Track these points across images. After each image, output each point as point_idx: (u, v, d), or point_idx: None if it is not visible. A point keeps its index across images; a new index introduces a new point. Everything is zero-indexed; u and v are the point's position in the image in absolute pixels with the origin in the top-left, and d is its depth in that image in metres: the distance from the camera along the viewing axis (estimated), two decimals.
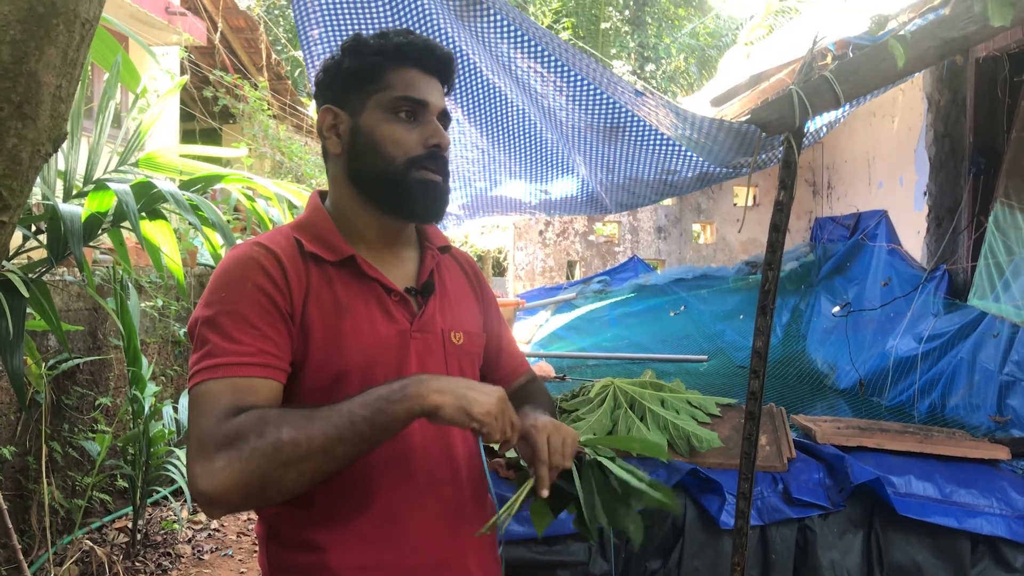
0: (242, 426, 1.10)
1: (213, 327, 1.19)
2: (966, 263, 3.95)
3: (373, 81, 1.32)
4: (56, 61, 1.20)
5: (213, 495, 1.08)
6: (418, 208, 1.34)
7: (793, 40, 4.57)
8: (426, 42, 1.34)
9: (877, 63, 1.70)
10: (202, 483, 1.08)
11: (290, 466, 1.09)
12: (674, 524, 2.16)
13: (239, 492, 1.09)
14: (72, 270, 4.27)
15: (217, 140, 10.11)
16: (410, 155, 1.31)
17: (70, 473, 4.16)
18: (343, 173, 1.36)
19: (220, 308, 1.21)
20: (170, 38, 7.00)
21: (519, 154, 3.01)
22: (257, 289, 1.22)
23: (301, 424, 1.11)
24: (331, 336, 1.26)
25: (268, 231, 1.38)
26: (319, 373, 1.26)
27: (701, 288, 5.53)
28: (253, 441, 1.09)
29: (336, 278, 1.30)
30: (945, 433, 2.47)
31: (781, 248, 1.75)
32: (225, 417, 1.12)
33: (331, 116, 1.35)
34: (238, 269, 1.24)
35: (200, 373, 1.17)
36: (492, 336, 1.56)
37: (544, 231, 6.35)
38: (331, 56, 1.37)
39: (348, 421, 1.11)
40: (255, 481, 1.08)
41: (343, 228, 1.36)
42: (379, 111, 1.32)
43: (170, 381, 5.21)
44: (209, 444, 1.10)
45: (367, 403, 1.12)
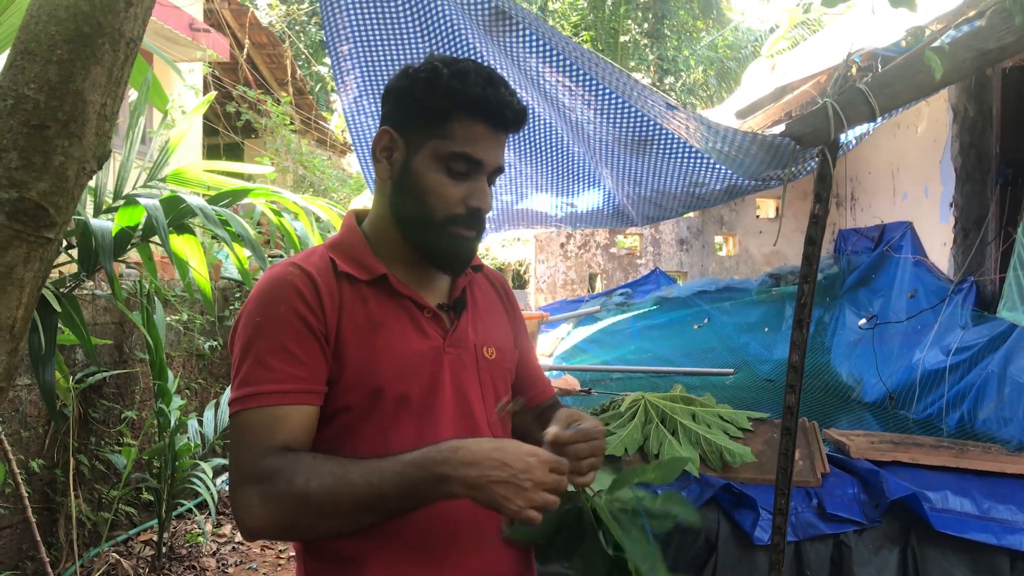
0: (275, 468, 1.15)
1: (247, 352, 1.23)
2: (994, 275, 3.91)
3: (437, 124, 1.28)
4: (101, 80, 1.21)
5: (250, 526, 1.15)
6: (445, 262, 1.35)
7: (817, 52, 4.56)
8: (502, 99, 1.28)
9: (912, 75, 1.69)
10: (241, 513, 1.16)
11: (319, 518, 1.14)
12: (707, 540, 2.14)
13: (272, 529, 1.16)
14: (100, 284, 4.31)
15: (240, 154, 10.20)
16: (450, 212, 1.29)
17: (97, 486, 4.19)
18: (386, 199, 1.36)
19: (254, 332, 1.24)
20: (194, 54, 7.08)
21: (546, 167, 3.02)
22: (291, 311, 1.23)
23: (331, 482, 1.13)
24: (365, 353, 1.27)
25: (304, 250, 1.39)
26: (355, 390, 1.26)
27: (724, 300, 5.51)
28: (284, 487, 1.13)
29: (370, 296, 1.31)
30: (981, 448, 2.43)
31: (816, 261, 1.74)
32: (262, 453, 1.17)
33: (388, 139, 1.33)
34: (273, 292, 1.26)
35: (236, 402, 1.21)
36: (521, 355, 1.55)
37: (566, 244, 6.35)
38: (403, 75, 1.33)
39: (376, 498, 1.13)
40: (285, 523, 1.15)
41: (378, 247, 1.36)
42: (433, 158, 1.29)
43: (195, 394, 5.24)
44: (246, 478, 1.16)
45: (398, 485, 1.12)
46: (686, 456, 2.09)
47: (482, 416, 1.36)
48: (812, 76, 3.91)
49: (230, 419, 1.22)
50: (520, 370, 1.54)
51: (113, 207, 3.07)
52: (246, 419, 1.20)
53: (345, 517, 1.14)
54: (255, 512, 1.14)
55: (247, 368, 1.22)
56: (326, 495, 1.12)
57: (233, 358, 1.26)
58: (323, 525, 1.15)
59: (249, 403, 1.20)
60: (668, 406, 2.33)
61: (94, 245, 2.73)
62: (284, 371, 1.21)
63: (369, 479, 1.13)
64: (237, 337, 1.27)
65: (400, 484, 1.12)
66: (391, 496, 1.12)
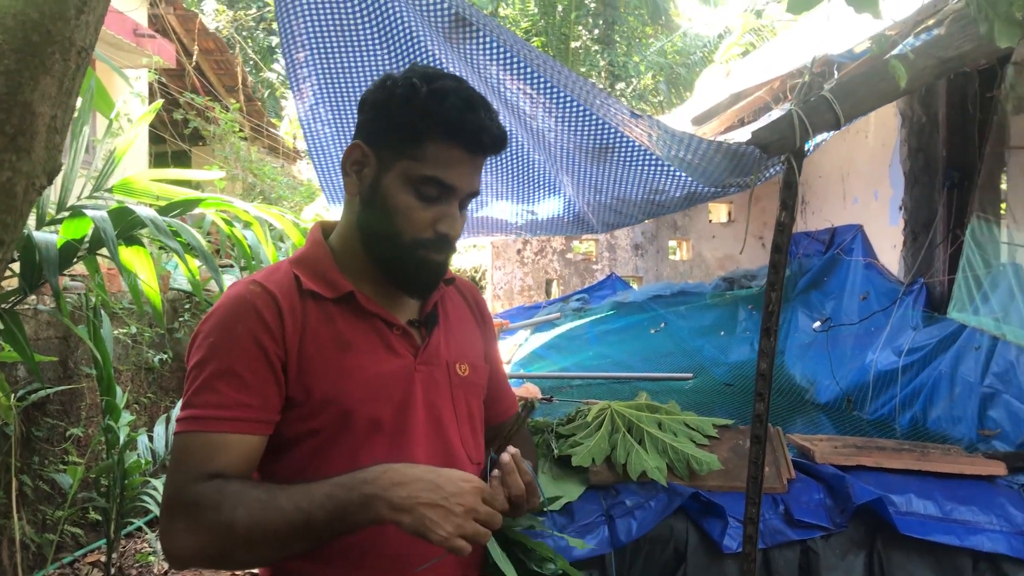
0: (202, 497, 1.11)
1: (198, 373, 1.18)
2: (943, 276, 3.99)
3: (411, 144, 1.23)
4: (51, 91, 1.15)
5: (174, 554, 1.12)
6: (411, 285, 1.31)
7: (770, 59, 4.62)
8: (480, 123, 1.23)
9: (876, 83, 1.70)
10: (164, 540, 1.13)
11: (245, 548, 1.10)
12: (676, 549, 2.13)
13: (196, 559, 1.12)
14: (43, 298, 4.17)
15: (187, 162, 9.99)
16: (417, 236, 1.25)
17: (41, 507, 4.04)
18: (353, 214, 1.31)
19: (208, 353, 1.19)
20: (139, 61, 6.91)
21: (506, 175, 3.00)
22: (248, 335, 1.19)
23: (257, 511, 1.09)
24: (332, 375, 1.22)
25: (268, 266, 1.35)
26: (322, 413, 1.22)
27: (679, 305, 5.54)
28: (210, 516, 1.10)
29: (336, 315, 1.26)
30: (941, 449, 2.47)
31: (783, 268, 1.74)
32: (193, 479, 1.13)
33: (359, 153, 1.28)
34: (231, 312, 1.21)
35: (180, 423, 1.17)
36: (491, 371, 1.52)
37: (522, 250, 6.34)
38: (381, 87, 1.28)
39: (305, 521, 1.09)
40: (211, 553, 1.11)
41: (345, 263, 1.31)
42: (403, 180, 1.24)
43: (144, 409, 5.10)
44: (174, 504, 1.13)
45: (326, 507, 1.09)
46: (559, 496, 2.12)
47: (455, 435, 1.32)
48: (765, 83, 3.95)
49: (173, 439, 1.20)
50: (490, 386, 1.51)
51: (57, 219, 2.97)
52: (184, 442, 1.16)
53: (273, 545, 1.10)
54: (181, 542, 1.11)
55: (194, 389, 1.17)
56: (253, 523, 1.08)
57: (186, 376, 1.22)
58: (251, 554, 1.12)
59: (190, 426, 1.16)
60: (634, 415, 2.31)
61: (38, 259, 2.64)
62: (231, 397, 1.16)
63: (298, 503, 1.09)
64: (191, 355, 1.22)
65: (327, 506, 1.08)
66: (319, 519, 1.08)
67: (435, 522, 1.06)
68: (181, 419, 1.17)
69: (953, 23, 1.71)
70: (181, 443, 1.16)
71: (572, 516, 2.12)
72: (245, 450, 1.17)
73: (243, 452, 1.16)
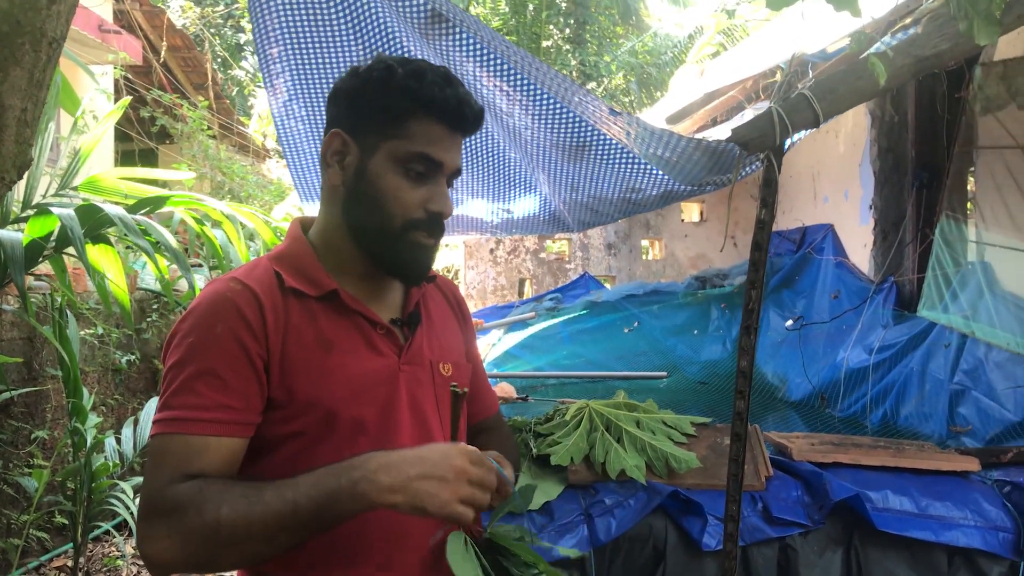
0: (183, 498, 1.07)
1: (176, 374, 1.14)
2: (912, 275, 4.04)
3: (393, 125, 1.22)
4: (21, 83, 1.11)
5: (155, 561, 1.07)
6: (406, 271, 1.29)
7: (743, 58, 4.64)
8: (461, 99, 1.23)
9: (854, 81, 1.71)
10: (145, 547, 1.08)
11: (230, 547, 1.06)
12: (655, 548, 2.12)
13: (180, 563, 1.07)
14: (7, 298, 4.08)
15: (154, 160, 9.85)
16: (409, 217, 1.23)
17: (5, 511, 3.96)
18: (338, 207, 1.28)
19: (187, 353, 1.14)
20: (105, 57, 6.79)
21: (482, 173, 2.98)
22: (229, 334, 1.15)
23: (242, 506, 1.06)
24: (315, 375, 1.19)
25: (247, 263, 1.30)
26: (306, 414, 1.19)
27: (652, 304, 5.56)
28: (192, 517, 1.05)
29: (320, 313, 1.23)
30: (916, 446, 2.49)
31: (763, 266, 1.74)
32: (171, 481, 1.09)
33: (339, 142, 1.25)
34: (211, 311, 1.17)
35: (157, 424, 1.13)
36: (472, 369, 1.50)
37: (495, 249, 6.32)
38: (353, 75, 1.26)
39: (292, 511, 1.06)
40: (194, 557, 1.07)
41: (327, 259, 1.28)
42: (391, 161, 1.22)
43: (111, 411, 5.01)
44: (153, 509, 1.08)
45: (314, 496, 1.06)
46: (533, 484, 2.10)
47: (439, 437, 1.30)
48: (738, 82, 3.98)
49: (149, 441, 1.15)
50: (471, 385, 1.48)
51: (22, 217, 2.91)
52: (163, 444, 1.12)
53: (260, 541, 1.06)
54: (162, 546, 1.06)
55: (173, 390, 1.13)
56: (239, 519, 1.05)
57: (163, 377, 1.17)
58: (236, 554, 1.08)
59: (169, 427, 1.11)
60: (612, 413, 2.31)
61: (2, 258, 2.58)
62: (212, 398, 1.12)
63: (284, 495, 1.06)
64: (168, 355, 1.17)
65: (315, 496, 1.06)
66: (307, 509, 1.05)
67: (430, 493, 1.06)
68: (158, 420, 1.13)
69: (930, 22, 1.72)
70: (159, 445, 1.12)
71: (551, 515, 2.11)
72: (226, 453, 1.13)
73: (224, 455, 1.13)
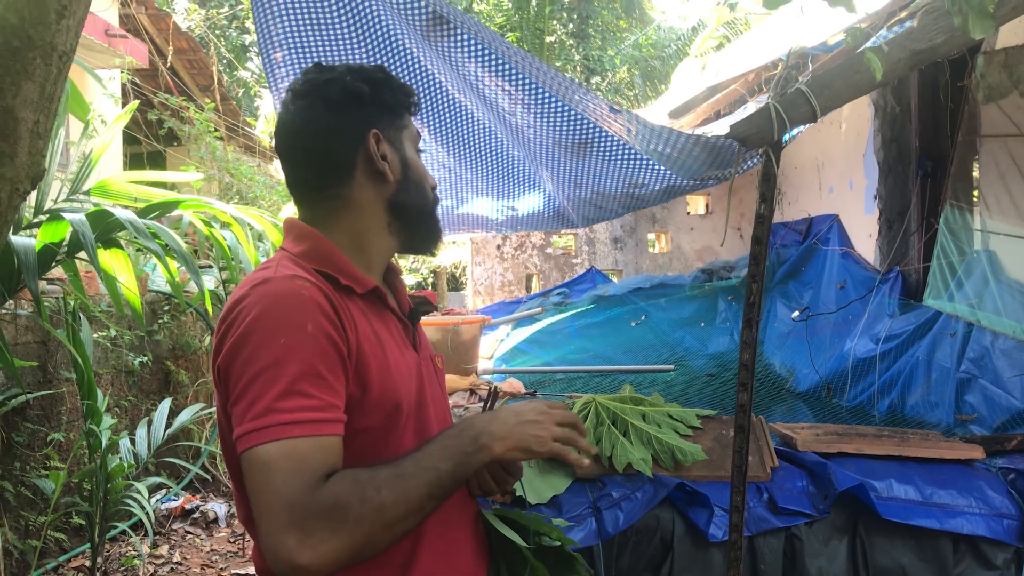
0: (341, 493, 1.06)
1: (274, 375, 1.09)
2: (918, 264, 4.05)
3: (402, 117, 1.36)
4: (34, 96, 1.15)
5: (316, 567, 1.03)
6: (436, 244, 1.43)
7: (745, 52, 4.65)
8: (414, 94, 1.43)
9: (851, 75, 1.73)
10: (303, 557, 1.02)
11: (391, 528, 1.09)
12: (663, 539, 2.15)
13: (345, 560, 1.05)
14: (21, 302, 4.12)
15: (163, 163, 9.90)
16: (434, 194, 1.41)
17: (23, 513, 4.01)
18: (382, 201, 1.31)
19: (282, 354, 1.10)
20: (112, 61, 6.84)
21: (486, 172, 3.00)
22: (320, 331, 1.13)
23: (396, 485, 1.10)
24: (382, 369, 1.21)
25: (271, 261, 1.26)
26: (379, 408, 1.21)
27: (659, 297, 5.58)
28: (357, 508, 1.06)
29: (367, 310, 1.27)
30: (920, 435, 2.51)
31: (764, 260, 1.76)
32: (318, 482, 1.06)
33: (376, 142, 1.30)
34: (295, 309, 1.14)
35: (270, 430, 1.07)
36: None
37: (502, 245, 6.34)
38: (354, 80, 1.30)
39: (436, 477, 1.13)
40: (358, 548, 1.06)
41: (354, 258, 1.30)
42: (413, 147, 1.38)
43: (125, 412, 5.06)
44: (307, 515, 1.04)
45: (448, 457, 1.15)
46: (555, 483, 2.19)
47: (451, 423, 1.38)
48: (740, 75, 3.99)
49: (253, 452, 1.07)
50: None
51: (34, 223, 2.94)
52: (285, 449, 1.06)
53: (415, 515, 1.11)
54: (326, 547, 1.03)
55: (277, 393, 1.08)
56: (400, 498, 1.09)
57: (239, 382, 1.11)
58: (390, 536, 1.10)
59: (286, 432, 1.06)
60: (619, 407, 2.33)
61: (16, 263, 2.61)
62: (323, 399, 1.10)
63: (423, 464, 1.13)
64: (249, 357, 1.11)
65: (448, 456, 1.14)
66: (446, 471, 1.13)
67: (535, 435, 1.19)
68: (268, 427, 1.07)
69: (925, 15, 1.74)
70: (284, 450, 1.06)
71: (560, 509, 2.14)
72: (340, 451, 1.13)
73: (339, 453, 1.12)
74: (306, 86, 1.30)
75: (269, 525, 1.04)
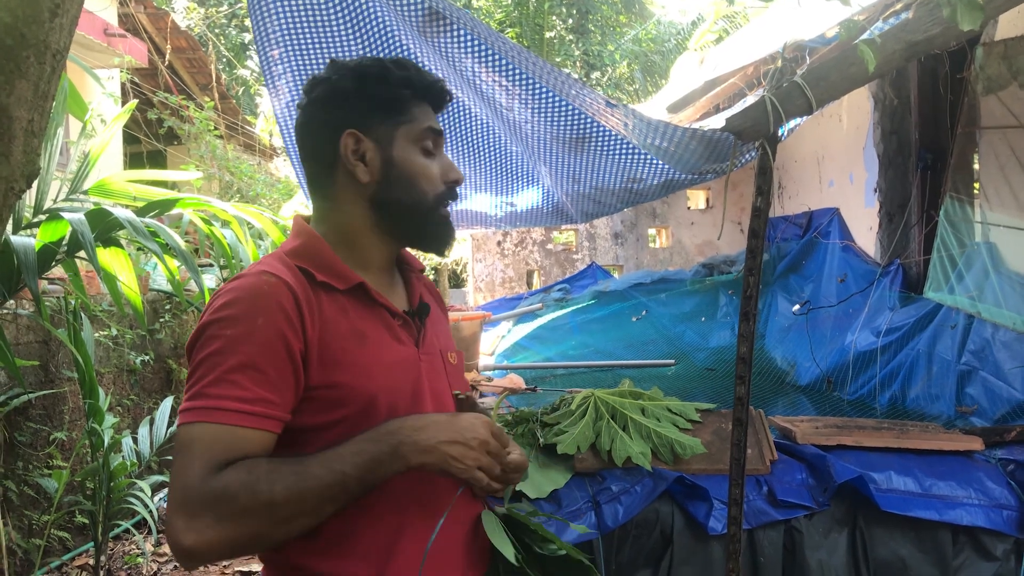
0: (231, 484, 1.07)
1: (213, 364, 1.13)
2: (919, 257, 4.04)
3: (401, 113, 1.32)
4: (28, 95, 1.15)
5: (198, 552, 1.06)
6: (440, 245, 1.38)
7: (743, 45, 4.64)
8: (439, 81, 1.38)
9: (846, 67, 1.73)
10: (187, 539, 1.06)
11: (285, 524, 1.10)
12: (662, 532, 2.16)
13: (227, 550, 1.08)
14: (22, 302, 4.13)
15: (163, 162, 9.91)
16: (437, 191, 1.34)
17: (26, 512, 4.02)
18: (365, 200, 1.33)
19: (226, 345, 1.14)
20: (111, 61, 6.84)
21: (485, 167, 3.00)
22: (271, 329, 1.16)
23: (293, 482, 1.09)
24: (354, 365, 1.23)
25: (262, 259, 1.30)
26: (349, 403, 1.22)
27: (660, 292, 5.58)
28: (244, 500, 1.07)
29: (348, 306, 1.27)
30: (919, 427, 2.51)
31: (760, 254, 1.76)
32: (213, 470, 1.08)
33: (353, 141, 1.31)
34: (250, 303, 1.17)
35: (193, 412, 1.11)
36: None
37: (502, 241, 6.35)
38: (342, 77, 1.32)
39: (339, 481, 1.12)
40: (244, 540, 1.09)
41: (344, 254, 1.32)
42: (410, 143, 1.33)
43: (127, 411, 5.07)
44: (195, 499, 1.07)
45: (358, 463, 1.13)
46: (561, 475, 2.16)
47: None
48: (739, 69, 3.98)
49: (178, 430, 1.12)
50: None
51: (34, 222, 2.95)
52: (200, 432, 1.10)
53: (311, 514, 1.11)
54: (208, 535, 1.05)
55: (211, 380, 1.12)
56: (293, 496, 1.09)
57: (191, 366, 1.16)
58: (286, 531, 1.11)
59: (206, 416, 1.10)
60: (618, 401, 2.34)
61: (16, 263, 2.62)
62: (254, 392, 1.13)
63: (331, 465, 1.12)
64: (200, 345, 1.16)
65: (359, 462, 1.12)
66: (353, 476, 1.12)
67: (455, 458, 1.17)
68: (192, 408, 1.12)
69: (921, 7, 1.74)
70: (195, 433, 1.10)
71: (559, 503, 2.14)
72: (261, 446, 1.14)
73: (259, 448, 1.14)
74: (308, 84, 1.36)
75: (168, 503, 1.09)
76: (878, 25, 1.83)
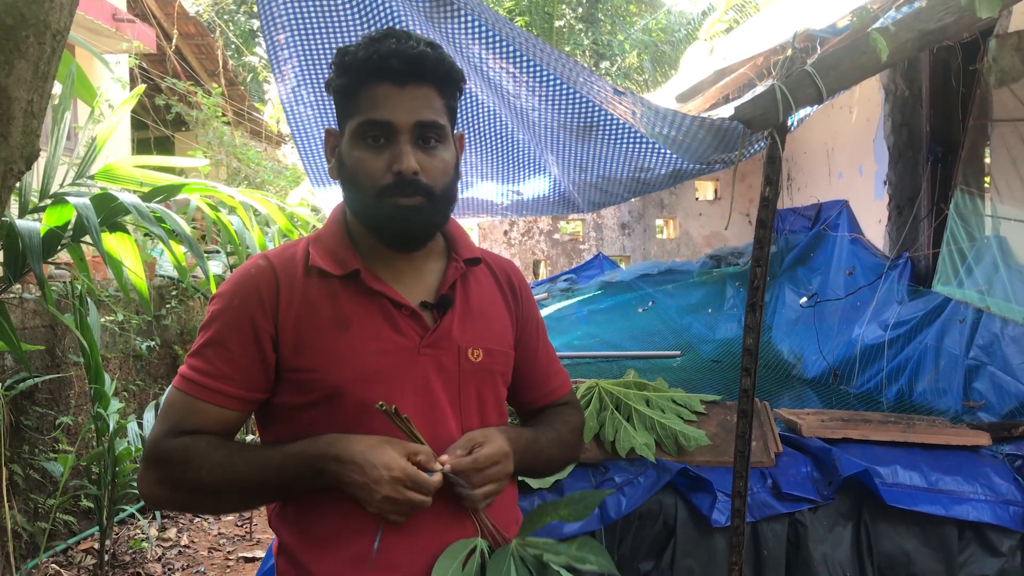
0: (172, 453, 1.21)
1: (200, 336, 1.27)
2: (928, 250, 4.01)
3: (351, 104, 1.27)
4: (27, 75, 1.14)
5: (147, 500, 1.26)
6: (394, 237, 1.29)
7: (753, 35, 4.61)
8: (388, 50, 1.23)
9: (857, 56, 1.70)
10: (141, 486, 1.25)
11: (210, 502, 1.29)
12: (666, 524, 2.15)
13: (168, 505, 1.31)
14: (28, 287, 4.14)
15: (170, 148, 9.92)
16: (378, 184, 1.24)
17: (32, 495, 4.04)
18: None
19: (208, 320, 1.27)
20: (119, 46, 6.83)
21: (491, 155, 2.99)
22: (243, 309, 1.24)
23: (219, 473, 1.20)
24: (325, 353, 1.24)
25: (290, 241, 1.39)
26: (314, 390, 1.24)
27: (667, 283, 5.55)
28: (178, 474, 1.21)
29: (341, 293, 1.27)
30: (926, 421, 2.49)
31: (768, 244, 1.75)
32: (169, 434, 1.23)
33: (331, 137, 1.35)
34: (235, 286, 1.27)
35: (176, 378, 1.26)
36: (527, 353, 1.47)
37: (509, 231, 6.33)
38: (336, 68, 1.31)
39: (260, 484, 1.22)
40: (180, 502, 1.30)
41: (358, 242, 1.32)
42: (353, 137, 1.27)
43: (133, 396, 5.09)
44: (150, 455, 1.23)
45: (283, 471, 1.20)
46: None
47: (453, 422, 1.29)
48: (749, 59, 3.95)
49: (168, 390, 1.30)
50: (527, 367, 1.47)
51: (40, 207, 2.95)
52: (172, 398, 1.26)
53: (235, 502, 1.33)
54: (154, 490, 1.23)
55: (193, 350, 1.26)
56: (215, 483, 1.20)
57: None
58: (215, 507, 1.34)
59: (180, 384, 1.24)
60: (622, 392, 2.33)
61: (21, 247, 2.62)
62: (218, 368, 1.23)
63: (256, 469, 1.21)
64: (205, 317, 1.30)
65: (281, 478, 1.20)
66: (273, 486, 1.22)
67: (363, 499, 1.18)
68: (179, 375, 1.26)
69: None
70: (171, 397, 1.26)
71: (562, 494, 2.13)
72: (220, 420, 1.25)
73: (218, 421, 1.25)
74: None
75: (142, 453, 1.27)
76: (891, 14, 1.81)
